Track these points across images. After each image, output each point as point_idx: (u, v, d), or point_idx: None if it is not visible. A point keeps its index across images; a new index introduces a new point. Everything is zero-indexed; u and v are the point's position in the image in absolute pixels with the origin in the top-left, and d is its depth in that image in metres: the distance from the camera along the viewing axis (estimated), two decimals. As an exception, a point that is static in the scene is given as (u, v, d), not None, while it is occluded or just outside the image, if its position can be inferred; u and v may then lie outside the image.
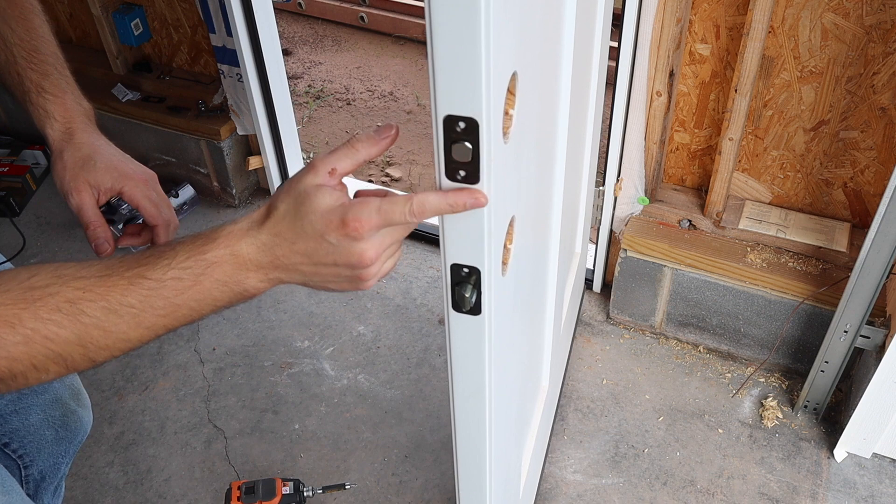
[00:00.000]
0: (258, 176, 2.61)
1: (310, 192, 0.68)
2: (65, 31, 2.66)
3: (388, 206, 0.67)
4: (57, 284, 0.66)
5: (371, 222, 0.66)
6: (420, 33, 3.63)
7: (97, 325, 0.66)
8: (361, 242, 0.67)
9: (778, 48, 1.68)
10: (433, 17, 0.58)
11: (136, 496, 1.79)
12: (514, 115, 0.73)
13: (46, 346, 0.65)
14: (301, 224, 0.68)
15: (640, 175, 1.93)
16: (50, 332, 0.65)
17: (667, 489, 1.76)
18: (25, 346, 0.65)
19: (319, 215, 0.67)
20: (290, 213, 0.68)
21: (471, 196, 0.68)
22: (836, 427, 1.84)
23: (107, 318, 0.67)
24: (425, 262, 2.35)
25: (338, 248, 0.67)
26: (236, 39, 2.17)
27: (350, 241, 0.67)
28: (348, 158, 0.71)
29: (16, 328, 0.64)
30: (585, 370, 2.02)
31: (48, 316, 0.65)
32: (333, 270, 0.69)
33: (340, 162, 0.70)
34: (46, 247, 2.45)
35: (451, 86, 0.62)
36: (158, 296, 0.68)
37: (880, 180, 1.78)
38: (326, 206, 0.67)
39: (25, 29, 1.05)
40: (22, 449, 1.30)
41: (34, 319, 0.65)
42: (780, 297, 1.84)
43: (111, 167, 1.02)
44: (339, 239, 0.67)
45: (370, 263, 0.68)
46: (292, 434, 1.90)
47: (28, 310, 0.65)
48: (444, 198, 0.68)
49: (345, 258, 0.68)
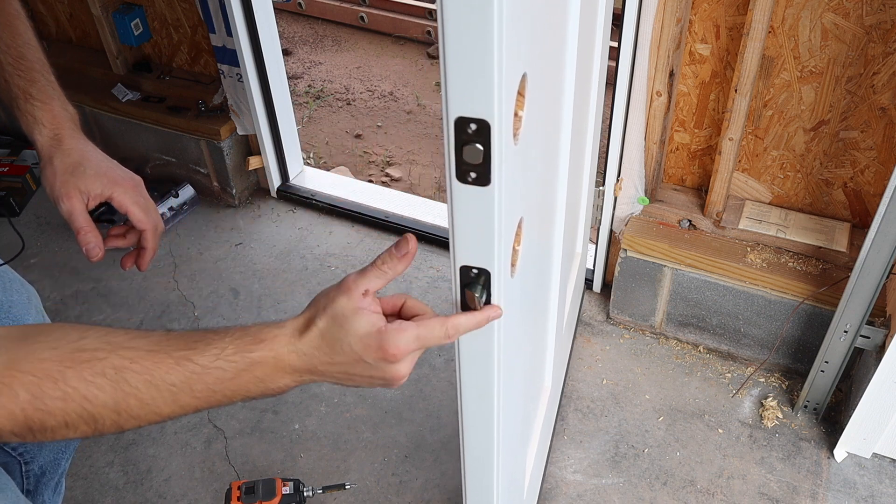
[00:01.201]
0: (258, 176, 2.61)
1: (348, 316, 0.73)
2: (65, 31, 2.65)
3: (426, 334, 0.74)
4: (106, 350, 0.69)
5: (409, 348, 0.73)
6: (420, 33, 3.63)
7: (136, 395, 0.70)
8: (398, 364, 0.74)
9: (778, 48, 1.69)
10: (446, 18, 0.58)
11: (136, 496, 1.79)
12: (523, 117, 0.73)
13: (83, 406, 0.68)
14: (340, 345, 0.73)
15: (640, 175, 1.93)
16: (90, 394, 0.68)
17: (667, 489, 1.76)
18: (63, 402, 0.67)
19: (358, 339, 0.73)
20: (329, 332, 0.73)
21: (494, 312, 0.79)
22: (836, 427, 1.85)
23: (147, 392, 0.70)
24: (425, 263, 2.35)
25: (374, 367, 0.74)
26: (236, 39, 2.17)
27: (387, 364, 0.73)
28: (378, 279, 0.76)
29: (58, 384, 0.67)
30: (585, 370, 2.02)
31: (92, 378, 0.68)
32: (367, 380, 0.76)
33: (371, 283, 0.76)
34: (46, 247, 2.44)
35: (463, 87, 0.62)
36: (200, 381, 0.71)
37: (880, 180, 1.78)
38: (364, 331, 0.73)
39: (11, 35, 1.07)
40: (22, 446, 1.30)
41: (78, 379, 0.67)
42: (780, 297, 1.84)
43: (100, 173, 1.05)
44: (377, 361, 0.73)
45: (404, 377, 0.76)
46: (292, 434, 1.90)
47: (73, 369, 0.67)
48: (472, 318, 0.77)
49: (380, 374, 0.75)
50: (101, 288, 2.29)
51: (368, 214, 2.47)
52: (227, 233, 2.49)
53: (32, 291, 1.35)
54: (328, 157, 3.00)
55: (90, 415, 0.68)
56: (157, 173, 2.62)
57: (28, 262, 2.38)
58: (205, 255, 2.41)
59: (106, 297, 2.26)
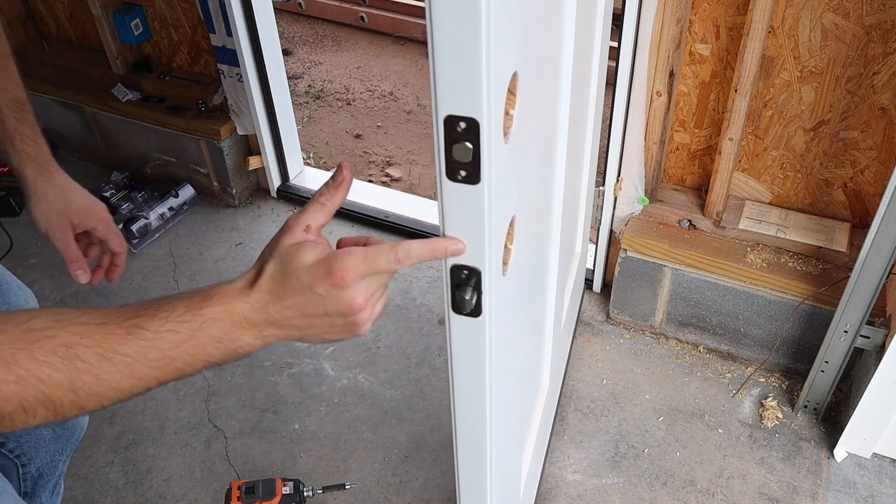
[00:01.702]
0: (258, 176, 2.61)
1: (292, 252, 0.71)
2: (65, 31, 2.66)
3: (373, 255, 0.70)
4: (55, 328, 0.67)
5: (356, 270, 0.70)
6: (420, 33, 3.63)
7: (90, 371, 0.67)
8: (349, 290, 0.70)
9: (778, 48, 1.68)
10: (434, 16, 0.58)
11: (136, 496, 1.79)
12: (514, 115, 0.73)
13: (38, 388, 0.65)
14: (289, 280, 0.71)
15: (640, 175, 1.93)
16: (43, 374, 0.65)
17: (667, 489, 1.76)
18: (17, 385, 0.64)
19: (305, 270, 0.70)
20: (277, 272, 0.71)
21: (453, 243, 0.74)
22: (836, 427, 1.84)
23: (100, 366, 0.67)
24: (425, 263, 2.34)
25: (326, 299, 0.70)
26: (236, 39, 2.17)
27: (338, 290, 0.70)
28: (318, 213, 0.75)
29: (10, 367, 0.64)
30: (585, 370, 2.02)
31: (43, 358, 0.65)
32: (326, 321, 0.72)
33: (312, 217, 0.75)
34: (46, 247, 2.44)
35: (451, 86, 0.62)
36: (154, 347, 0.69)
37: (880, 180, 1.78)
38: (311, 260, 0.70)
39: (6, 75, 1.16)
40: (19, 448, 1.31)
41: (29, 360, 0.65)
42: (780, 297, 1.84)
43: (86, 208, 1.21)
44: (328, 289, 0.70)
45: (360, 309, 0.71)
46: (292, 434, 1.90)
47: (24, 350, 0.65)
48: (426, 245, 0.73)
49: (335, 307, 0.71)
50: (101, 288, 2.30)
51: (368, 214, 2.47)
52: (227, 233, 2.49)
53: (30, 294, 1.36)
54: (328, 157, 3.00)
55: (47, 397, 0.66)
56: (157, 173, 2.62)
57: (28, 262, 2.38)
58: (205, 255, 2.41)
59: (106, 298, 2.27)
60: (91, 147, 2.70)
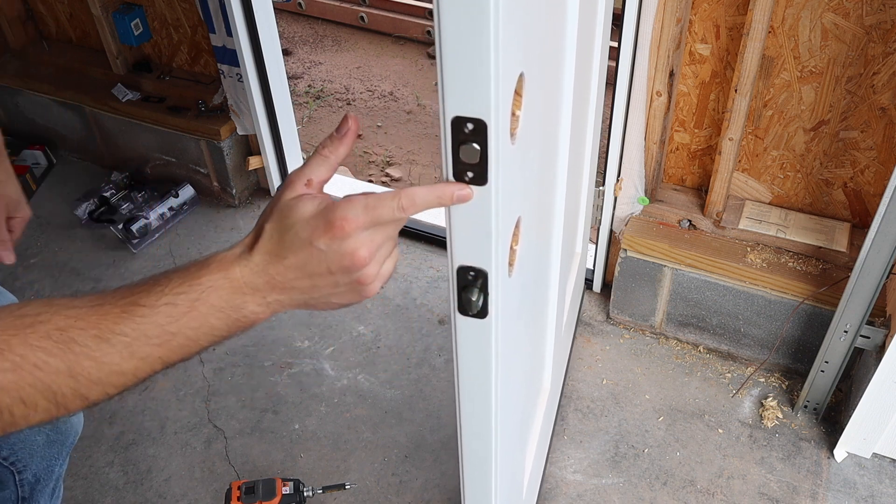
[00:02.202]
0: (258, 176, 2.61)
1: (292, 206, 0.67)
2: (65, 31, 2.65)
3: (375, 202, 0.65)
4: (48, 313, 0.64)
5: (358, 220, 0.65)
6: (420, 33, 3.63)
7: (88, 354, 0.64)
8: (350, 240, 0.65)
9: (778, 48, 1.69)
10: (442, 18, 0.58)
11: (136, 496, 1.79)
12: (520, 116, 0.73)
13: (35, 376, 0.62)
14: (288, 237, 0.66)
15: (640, 175, 1.93)
16: (39, 360, 0.62)
17: (667, 489, 1.76)
18: (14, 373, 0.62)
19: (304, 223, 0.66)
20: (276, 230, 0.67)
21: (458, 188, 0.68)
22: (836, 427, 1.84)
23: (98, 348, 0.64)
24: (425, 262, 2.35)
25: (328, 253, 0.65)
26: (236, 39, 2.16)
27: (339, 242, 0.65)
28: (321, 166, 0.70)
29: (4, 354, 0.61)
30: (585, 370, 2.02)
31: (38, 343, 0.62)
32: (330, 280, 0.67)
33: (314, 171, 0.70)
34: (46, 247, 2.44)
35: (459, 87, 0.62)
36: (152, 323, 0.65)
37: (880, 180, 1.78)
38: (309, 212, 0.66)
39: None
40: (13, 456, 1.30)
41: (23, 346, 0.62)
42: (780, 297, 1.84)
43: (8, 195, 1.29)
44: (328, 242, 0.65)
45: (365, 263, 0.66)
46: (292, 434, 1.90)
47: (17, 336, 0.62)
48: (432, 191, 0.67)
49: (337, 262, 0.66)
50: (101, 288, 2.29)
51: (368, 214, 2.47)
52: (227, 233, 2.49)
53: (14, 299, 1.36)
54: (328, 157, 3.00)
55: (45, 385, 0.63)
56: (157, 173, 2.62)
57: (28, 262, 2.38)
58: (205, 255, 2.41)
59: (106, 297, 2.26)
60: (91, 147, 2.70)
